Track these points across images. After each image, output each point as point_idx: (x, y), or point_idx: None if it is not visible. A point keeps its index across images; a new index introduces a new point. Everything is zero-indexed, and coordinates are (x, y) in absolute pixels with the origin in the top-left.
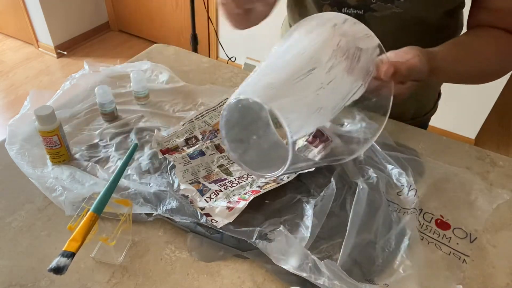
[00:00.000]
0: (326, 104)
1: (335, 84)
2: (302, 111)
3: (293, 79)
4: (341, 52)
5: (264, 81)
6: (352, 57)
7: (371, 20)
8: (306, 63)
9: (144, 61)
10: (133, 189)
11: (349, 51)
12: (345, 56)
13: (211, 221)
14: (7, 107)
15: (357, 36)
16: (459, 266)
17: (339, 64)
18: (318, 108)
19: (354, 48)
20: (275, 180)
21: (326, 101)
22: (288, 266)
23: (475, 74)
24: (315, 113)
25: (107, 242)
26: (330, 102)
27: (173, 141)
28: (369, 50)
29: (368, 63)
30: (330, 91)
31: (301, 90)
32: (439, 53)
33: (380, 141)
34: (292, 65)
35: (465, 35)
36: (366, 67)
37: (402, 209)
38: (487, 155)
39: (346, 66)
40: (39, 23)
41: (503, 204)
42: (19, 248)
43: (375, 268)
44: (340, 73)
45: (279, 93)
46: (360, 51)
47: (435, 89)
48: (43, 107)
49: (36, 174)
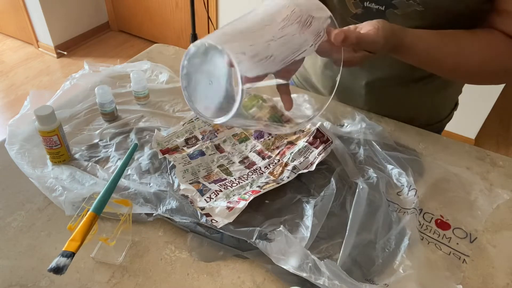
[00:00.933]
0: (276, 53)
1: (285, 40)
2: (252, 54)
3: (247, 31)
4: (294, 17)
5: (221, 31)
6: (304, 22)
7: (392, 17)
8: (261, 20)
9: (144, 61)
10: (133, 189)
11: (302, 17)
12: (297, 20)
13: (211, 221)
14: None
15: (311, 7)
16: (459, 266)
17: (291, 25)
18: (268, 56)
19: (307, 15)
20: (275, 180)
21: (275, 51)
22: (288, 266)
23: (451, 67)
24: (265, 59)
25: (107, 242)
26: (279, 53)
27: (173, 141)
28: (321, 19)
29: (319, 28)
30: (280, 44)
31: (253, 38)
32: (414, 33)
33: (380, 141)
34: (249, 21)
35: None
36: (316, 31)
37: (402, 209)
38: (487, 155)
39: (297, 27)
40: (39, 23)
41: (503, 204)
42: (19, 248)
43: (375, 268)
44: (292, 32)
45: (233, 39)
46: (312, 18)
47: (453, 98)
48: (43, 107)
49: (36, 174)
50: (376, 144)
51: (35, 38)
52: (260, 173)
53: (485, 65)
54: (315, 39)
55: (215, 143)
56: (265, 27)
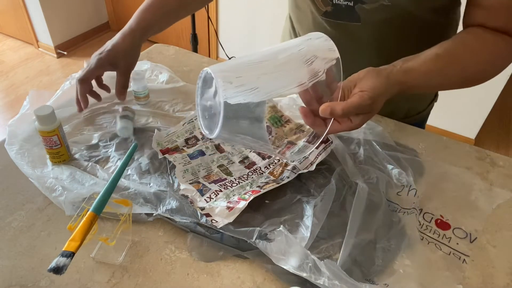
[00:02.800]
0: (262, 86)
1: (277, 75)
2: (238, 85)
3: (246, 64)
4: (298, 55)
5: (228, 63)
6: (305, 61)
7: (361, 11)
8: (263, 56)
9: (144, 61)
10: (133, 189)
11: (305, 56)
12: (300, 58)
13: (211, 221)
14: (7, 107)
15: (321, 48)
16: (459, 266)
17: (289, 62)
18: (253, 88)
19: (310, 55)
20: (275, 180)
21: (262, 84)
22: (288, 266)
23: (458, 83)
24: (249, 90)
25: (107, 242)
26: (266, 86)
27: (173, 141)
28: (325, 60)
29: (319, 68)
30: (271, 78)
31: (246, 71)
32: (412, 71)
33: (380, 141)
34: (254, 56)
35: (451, 40)
36: (315, 71)
37: (402, 209)
38: (487, 155)
39: (295, 65)
40: (39, 23)
41: (503, 204)
42: (19, 248)
43: (375, 268)
44: (288, 68)
45: (227, 69)
46: (315, 58)
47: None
48: (43, 107)
49: (36, 174)
50: (376, 144)
51: (35, 38)
52: (260, 173)
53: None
54: (310, 78)
55: (215, 143)
56: (264, 62)
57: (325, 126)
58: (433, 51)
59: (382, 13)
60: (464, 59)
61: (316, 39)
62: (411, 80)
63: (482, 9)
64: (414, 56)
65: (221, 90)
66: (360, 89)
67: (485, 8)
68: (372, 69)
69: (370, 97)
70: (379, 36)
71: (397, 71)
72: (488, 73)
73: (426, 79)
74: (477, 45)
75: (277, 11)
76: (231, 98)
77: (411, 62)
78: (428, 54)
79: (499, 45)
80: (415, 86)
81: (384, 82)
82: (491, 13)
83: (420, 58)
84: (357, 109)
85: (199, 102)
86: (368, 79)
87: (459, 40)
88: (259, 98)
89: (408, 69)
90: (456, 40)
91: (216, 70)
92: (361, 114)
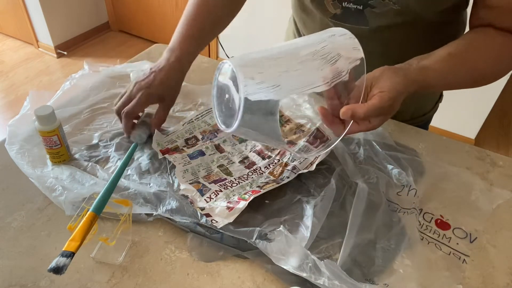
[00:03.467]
0: (284, 84)
1: (300, 73)
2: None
3: (267, 59)
4: (321, 53)
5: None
6: (329, 59)
7: (370, 15)
8: (284, 51)
9: (144, 61)
10: (133, 189)
11: (329, 54)
12: (323, 56)
13: (211, 221)
14: (7, 107)
15: (345, 46)
16: (459, 266)
17: (313, 60)
18: (275, 85)
19: (335, 53)
20: (275, 180)
21: (284, 82)
22: (288, 266)
23: (468, 82)
24: (271, 87)
25: (107, 242)
26: (288, 84)
27: (173, 141)
28: (349, 59)
29: (342, 68)
30: (292, 76)
31: (267, 67)
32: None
33: (380, 141)
34: (275, 50)
35: (461, 40)
36: (338, 71)
37: (402, 209)
38: (487, 155)
39: (319, 63)
40: (39, 23)
41: (503, 204)
42: (19, 248)
43: (375, 268)
44: (310, 67)
45: (250, 64)
46: (339, 57)
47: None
48: (43, 107)
49: (36, 174)
50: (376, 144)
51: (35, 38)
52: (260, 173)
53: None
54: (333, 78)
55: (215, 143)
56: (285, 58)
57: (343, 126)
58: (445, 50)
59: (390, 17)
60: (475, 59)
61: (340, 36)
62: (428, 78)
63: (490, 9)
64: (427, 54)
65: (242, 85)
66: (380, 89)
67: (493, 9)
68: (388, 68)
69: (390, 97)
70: (386, 40)
71: (414, 70)
72: (498, 73)
73: (442, 78)
74: (486, 45)
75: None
76: (252, 94)
77: (426, 60)
78: (441, 53)
79: (508, 44)
80: (431, 85)
81: (402, 81)
82: (499, 13)
83: (434, 56)
84: (378, 110)
85: (215, 94)
86: (387, 79)
87: (469, 40)
88: (281, 96)
89: (424, 67)
90: (466, 40)
91: (237, 64)
92: (381, 115)
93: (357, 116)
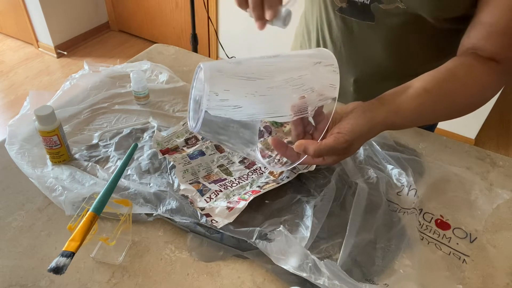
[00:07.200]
0: (246, 107)
1: (266, 99)
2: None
3: (240, 75)
4: (295, 82)
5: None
6: (301, 91)
7: (376, 11)
8: (260, 71)
9: (144, 61)
10: (133, 189)
11: (303, 86)
12: (296, 87)
13: (211, 221)
14: (7, 107)
15: (323, 80)
16: (459, 266)
17: (284, 88)
18: (237, 106)
19: (308, 86)
20: (275, 180)
21: (248, 105)
22: (288, 266)
23: (446, 117)
24: (232, 107)
25: (107, 242)
26: (250, 108)
27: (173, 141)
28: (321, 97)
29: (310, 103)
30: (258, 101)
31: (236, 85)
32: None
33: (380, 141)
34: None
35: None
36: (305, 106)
37: (402, 209)
38: (487, 155)
39: (288, 93)
40: (39, 23)
41: (503, 204)
42: (19, 248)
43: (375, 268)
44: (278, 95)
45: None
46: (311, 92)
47: None
48: (43, 107)
49: (36, 174)
50: (376, 144)
51: (35, 38)
52: (260, 173)
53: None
54: (297, 113)
55: (215, 143)
56: (258, 79)
57: (298, 157)
58: (421, 84)
59: (396, 15)
60: (453, 93)
61: (325, 66)
62: (400, 118)
63: (481, 27)
64: (402, 89)
65: (205, 99)
66: (339, 130)
67: (484, 27)
68: (360, 106)
69: (346, 140)
70: (391, 38)
71: (384, 111)
72: (476, 105)
73: (416, 116)
74: (466, 77)
75: None
76: (213, 109)
77: (400, 98)
78: (416, 87)
79: (488, 77)
80: (403, 124)
81: (366, 124)
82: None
83: (409, 93)
84: (331, 151)
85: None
86: (351, 119)
87: (448, 71)
88: (240, 117)
89: (398, 106)
90: (445, 72)
91: (208, 75)
92: (335, 155)
93: (308, 152)
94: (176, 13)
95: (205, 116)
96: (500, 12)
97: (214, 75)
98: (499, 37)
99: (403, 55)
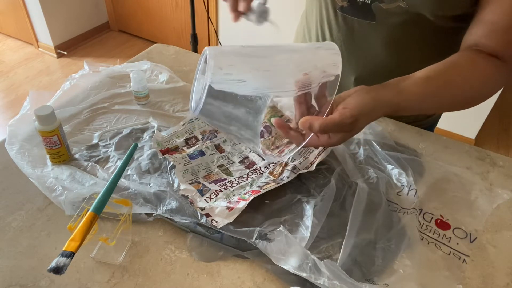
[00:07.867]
0: (251, 81)
1: (269, 74)
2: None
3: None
4: (298, 61)
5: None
6: (302, 69)
7: (377, 10)
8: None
9: (144, 61)
10: (133, 189)
11: (305, 63)
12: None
13: (211, 221)
14: (7, 107)
15: (325, 60)
16: (459, 266)
17: (286, 65)
18: (241, 80)
19: (311, 64)
20: (275, 180)
21: (252, 79)
22: (288, 266)
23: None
24: (236, 81)
25: (107, 242)
26: (254, 82)
27: (173, 141)
28: (324, 74)
29: (314, 79)
30: (261, 76)
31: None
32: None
33: (380, 141)
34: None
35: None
36: (309, 81)
37: (402, 209)
38: (487, 155)
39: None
40: (39, 23)
41: (503, 204)
42: (19, 248)
43: (375, 268)
44: (281, 70)
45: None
46: (314, 68)
47: None
48: (43, 107)
49: (36, 174)
50: (376, 144)
51: (35, 38)
52: (260, 173)
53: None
54: (301, 87)
55: (215, 143)
56: (261, 58)
57: (303, 138)
58: (424, 73)
59: (397, 14)
60: (455, 84)
61: (326, 50)
62: (404, 101)
63: (482, 25)
64: (406, 76)
65: (210, 72)
66: (344, 106)
67: (486, 25)
68: (363, 87)
69: (352, 115)
70: (392, 37)
71: (388, 93)
72: (477, 99)
73: (419, 101)
74: (469, 71)
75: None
76: (217, 83)
77: (404, 82)
78: (419, 76)
79: (490, 70)
80: (408, 108)
81: (371, 102)
82: (490, 31)
83: (413, 79)
84: (337, 126)
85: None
86: (355, 96)
87: (451, 64)
88: (244, 91)
89: (402, 90)
90: (448, 64)
91: (213, 53)
92: (341, 132)
93: (313, 128)
94: (176, 13)
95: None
96: (501, 10)
97: (218, 53)
98: (501, 35)
99: (403, 54)
